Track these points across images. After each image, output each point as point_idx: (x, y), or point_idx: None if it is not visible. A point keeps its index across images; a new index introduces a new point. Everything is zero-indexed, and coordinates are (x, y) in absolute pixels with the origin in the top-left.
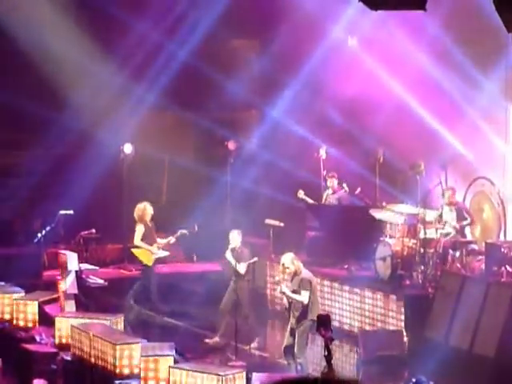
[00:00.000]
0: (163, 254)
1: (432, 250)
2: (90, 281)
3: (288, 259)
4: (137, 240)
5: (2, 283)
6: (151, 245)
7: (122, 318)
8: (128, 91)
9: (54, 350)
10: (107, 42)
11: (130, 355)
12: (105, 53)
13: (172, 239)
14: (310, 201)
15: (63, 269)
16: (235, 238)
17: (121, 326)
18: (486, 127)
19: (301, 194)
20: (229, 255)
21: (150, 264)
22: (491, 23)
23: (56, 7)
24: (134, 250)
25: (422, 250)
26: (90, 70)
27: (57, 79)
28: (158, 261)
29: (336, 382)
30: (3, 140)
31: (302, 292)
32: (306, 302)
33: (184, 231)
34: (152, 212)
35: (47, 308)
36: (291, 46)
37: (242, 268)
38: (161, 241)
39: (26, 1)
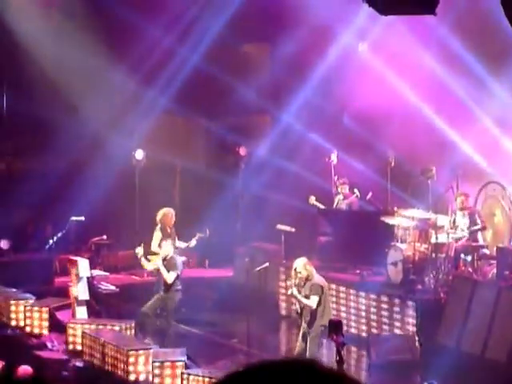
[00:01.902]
0: (181, 259)
1: (443, 255)
2: (102, 287)
3: (300, 264)
4: (154, 246)
5: (14, 290)
6: (172, 250)
7: (133, 323)
8: (140, 97)
9: (66, 357)
10: (119, 48)
11: (142, 361)
12: (117, 58)
13: (192, 243)
14: (322, 206)
15: (75, 275)
16: (167, 246)
17: (132, 332)
18: (497, 131)
19: (312, 199)
20: (160, 264)
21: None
22: (502, 27)
23: (68, 14)
24: (150, 257)
25: (433, 255)
26: (101, 75)
27: (69, 85)
28: None
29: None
30: (16, 146)
31: (312, 297)
32: (313, 306)
33: (201, 234)
34: (174, 217)
35: (59, 314)
36: (302, 51)
37: (170, 277)
38: (181, 244)
39: (38, 9)
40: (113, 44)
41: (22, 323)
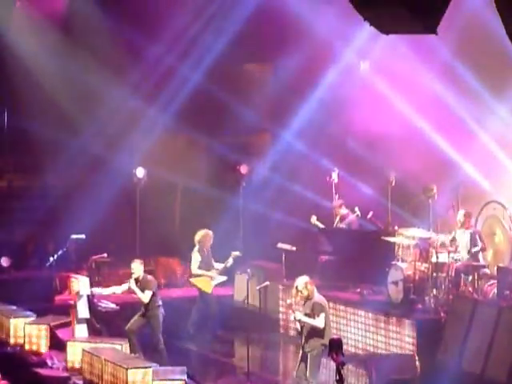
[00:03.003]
0: (222, 279)
1: (444, 274)
2: (102, 305)
3: (302, 283)
4: (194, 268)
5: (14, 307)
6: (209, 271)
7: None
8: (141, 115)
9: (66, 375)
10: (120, 66)
11: (142, 379)
12: (118, 77)
13: (229, 263)
14: (322, 226)
15: (75, 293)
16: (137, 267)
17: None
18: (498, 151)
19: (313, 219)
20: (133, 285)
21: (210, 291)
22: (503, 46)
23: (69, 33)
24: (192, 280)
25: (434, 274)
26: (103, 94)
27: (70, 103)
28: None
29: None
30: (17, 164)
31: (317, 317)
32: (322, 325)
33: (237, 253)
34: (212, 239)
35: (59, 332)
36: (304, 69)
37: (146, 297)
38: (218, 266)
39: (39, 29)
40: (114, 63)
41: (21, 341)
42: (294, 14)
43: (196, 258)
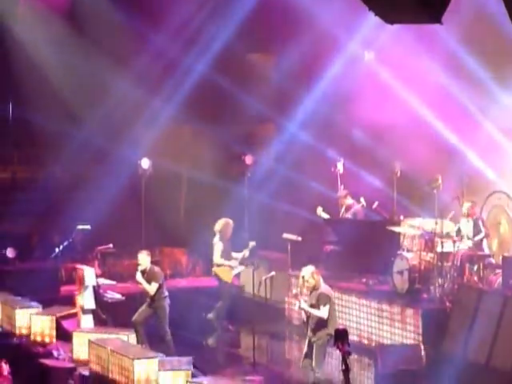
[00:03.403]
0: (241, 268)
1: (449, 264)
2: (108, 296)
3: (308, 272)
4: (217, 258)
5: (20, 298)
6: (229, 261)
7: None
8: (145, 106)
9: (72, 365)
10: (124, 57)
11: (148, 370)
12: (122, 67)
13: (247, 253)
14: (327, 216)
15: (81, 284)
16: (144, 258)
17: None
18: (503, 140)
19: (319, 210)
20: (139, 277)
21: (230, 280)
22: (507, 35)
23: (73, 24)
24: (215, 269)
25: (439, 264)
26: (107, 85)
27: (74, 95)
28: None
29: None
30: (22, 156)
31: (322, 307)
32: (325, 316)
33: (253, 243)
34: (232, 228)
35: (65, 323)
36: (308, 59)
37: (152, 289)
38: (236, 255)
39: (43, 20)
40: (118, 53)
41: (27, 332)
42: (298, 3)
43: (218, 246)
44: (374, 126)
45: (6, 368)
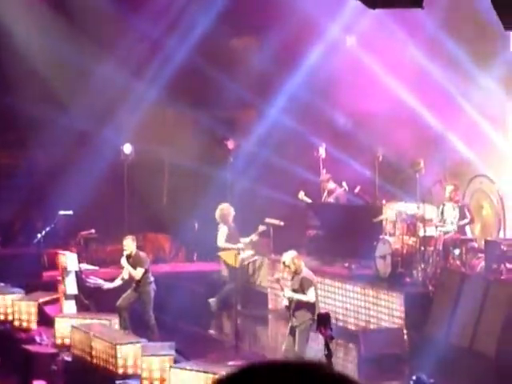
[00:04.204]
0: (248, 253)
1: (432, 248)
2: (90, 281)
3: (289, 258)
4: (221, 242)
5: (2, 284)
6: (235, 245)
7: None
8: (128, 91)
9: (55, 351)
10: (106, 41)
11: (130, 355)
12: (104, 52)
13: (254, 237)
14: (309, 201)
15: (63, 269)
16: (129, 244)
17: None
18: (484, 124)
19: (301, 195)
20: (124, 262)
21: (237, 265)
22: (489, 20)
23: (55, 9)
24: (220, 254)
25: (421, 248)
26: (89, 69)
27: (56, 80)
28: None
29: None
30: (3, 141)
31: (307, 292)
32: (313, 300)
33: (263, 227)
34: (233, 212)
35: (47, 309)
36: (290, 44)
37: (138, 274)
38: (244, 240)
39: (25, 5)
40: (100, 38)
41: (10, 317)
42: None
43: (223, 230)
44: (355, 110)
45: None
